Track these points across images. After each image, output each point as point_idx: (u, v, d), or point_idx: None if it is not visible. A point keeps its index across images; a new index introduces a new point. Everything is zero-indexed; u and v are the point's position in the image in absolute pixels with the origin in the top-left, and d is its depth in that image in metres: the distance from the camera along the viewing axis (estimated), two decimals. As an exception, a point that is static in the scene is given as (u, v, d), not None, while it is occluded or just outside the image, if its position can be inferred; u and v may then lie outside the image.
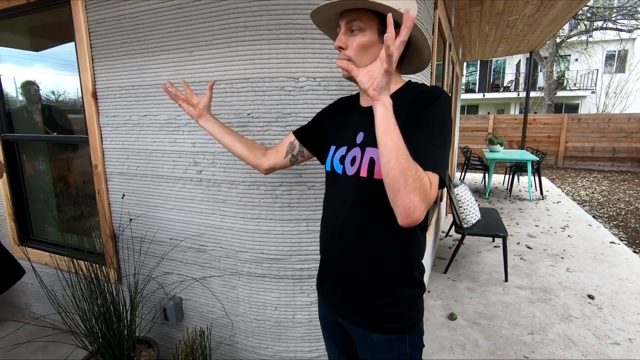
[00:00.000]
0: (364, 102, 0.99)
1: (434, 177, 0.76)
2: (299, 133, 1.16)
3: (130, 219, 1.86)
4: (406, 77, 1.01)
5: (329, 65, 1.43)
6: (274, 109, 1.46)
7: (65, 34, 1.89)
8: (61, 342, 1.65)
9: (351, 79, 0.89)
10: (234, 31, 1.44)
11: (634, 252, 3.86)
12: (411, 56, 0.95)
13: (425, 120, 0.81)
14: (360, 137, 0.92)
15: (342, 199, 0.94)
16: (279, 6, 1.38)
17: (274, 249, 1.59)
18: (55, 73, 2.47)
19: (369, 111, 0.89)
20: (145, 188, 1.81)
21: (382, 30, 0.86)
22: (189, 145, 1.64)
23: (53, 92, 2.55)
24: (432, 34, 2.22)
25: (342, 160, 0.95)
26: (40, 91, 2.49)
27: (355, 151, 0.91)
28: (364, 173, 0.88)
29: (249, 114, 1.49)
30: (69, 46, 1.88)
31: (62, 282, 1.64)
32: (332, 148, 1.00)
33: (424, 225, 0.96)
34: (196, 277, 1.78)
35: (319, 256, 1.59)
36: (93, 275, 1.59)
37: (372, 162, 0.87)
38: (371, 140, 0.88)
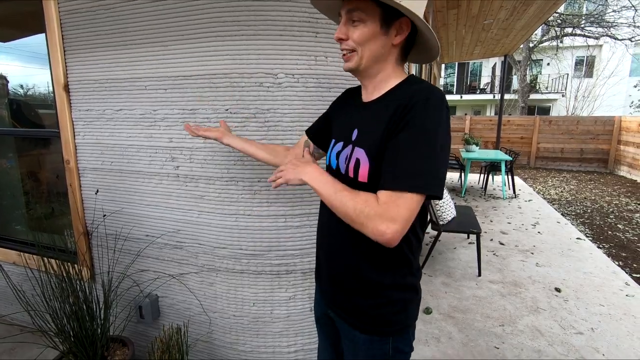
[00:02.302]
0: (364, 96, 0.95)
1: (384, 194, 0.74)
2: (310, 131, 1.18)
3: (104, 215, 1.82)
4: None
5: (308, 63, 1.45)
6: (252, 104, 1.47)
7: (35, 24, 1.83)
8: (30, 342, 1.59)
9: (353, 71, 0.89)
10: (211, 26, 1.43)
11: (598, 247, 4.06)
12: (418, 48, 0.91)
13: (399, 136, 0.77)
14: (354, 134, 0.90)
15: None
16: (258, 2, 1.39)
17: (252, 244, 1.59)
18: (23, 66, 2.37)
19: (366, 107, 0.91)
20: (120, 184, 1.78)
21: (385, 20, 0.81)
22: (165, 141, 1.62)
23: (21, 86, 2.45)
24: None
25: (338, 155, 0.94)
26: (8, 85, 2.39)
27: (349, 149, 0.90)
28: (351, 174, 0.87)
29: (227, 110, 1.49)
30: (39, 37, 1.82)
31: (31, 281, 1.59)
32: (332, 142, 1.00)
33: (421, 229, 0.93)
34: (173, 274, 1.76)
35: (298, 252, 1.62)
36: (65, 274, 1.55)
37: (357, 164, 0.85)
38: (361, 140, 0.87)
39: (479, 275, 3.19)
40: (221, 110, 1.49)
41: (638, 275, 3.42)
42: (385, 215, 0.73)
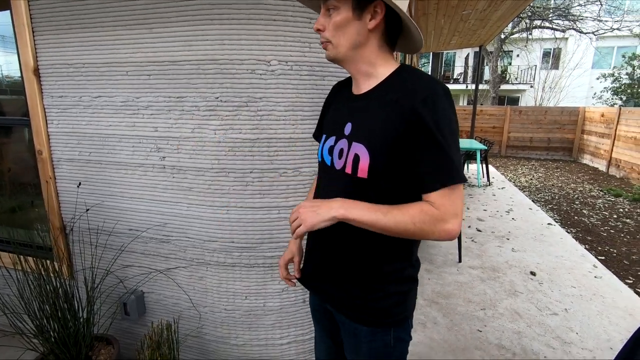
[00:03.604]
0: (355, 89, 0.93)
1: (438, 196, 0.76)
2: (315, 135, 1.14)
3: (87, 209, 1.72)
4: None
5: (301, 50, 1.40)
6: (244, 92, 1.41)
7: (-3, 1, 1.67)
8: (6, 345, 1.50)
9: (333, 60, 0.89)
10: (199, 7, 1.36)
11: (567, 232, 4.29)
12: (404, 38, 0.90)
13: (420, 136, 0.77)
14: (348, 129, 0.88)
15: (329, 191, 0.91)
16: (250, -16, 1.32)
17: (244, 237, 1.55)
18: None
19: (359, 100, 0.90)
20: (100, 176, 1.68)
21: (357, 5, 0.80)
22: (150, 130, 1.54)
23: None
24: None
25: (330, 151, 0.92)
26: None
27: (343, 143, 0.88)
28: (349, 169, 0.85)
29: (217, 98, 1.42)
30: (3, 15, 1.66)
31: (7, 280, 1.48)
32: (324, 137, 0.97)
33: None
34: (159, 269, 1.69)
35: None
36: (43, 272, 1.45)
37: (356, 159, 0.83)
38: (357, 134, 0.85)
39: (460, 261, 3.30)
40: (211, 99, 1.43)
41: (603, 258, 3.65)
42: (447, 215, 0.76)
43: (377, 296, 0.90)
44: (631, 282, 3.15)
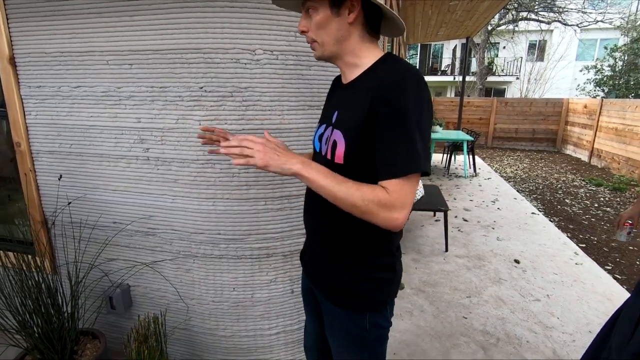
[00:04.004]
0: (343, 79, 0.96)
1: (391, 183, 0.76)
2: None
3: (69, 202, 1.68)
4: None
5: (287, 39, 1.38)
6: (229, 82, 1.39)
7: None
8: (-13, 342, 1.47)
9: (321, 58, 0.92)
10: (182, -5, 1.32)
11: (550, 220, 4.39)
12: (386, 24, 0.91)
13: (384, 121, 0.78)
14: (335, 116, 0.91)
15: None
16: (233, -29, 1.29)
17: (231, 229, 1.55)
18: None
19: (346, 89, 0.93)
20: (82, 168, 1.64)
21: (333, 4, 0.83)
22: (133, 121, 1.50)
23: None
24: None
25: (320, 138, 0.96)
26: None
27: (329, 131, 0.91)
28: (329, 155, 0.89)
29: (201, 88, 1.40)
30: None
31: (-15, 275, 1.44)
32: (318, 126, 1.02)
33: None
34: (145, 262, 1.68)
35: (279, 234, 1.60)
36: (25, 267, 1.42)
37: (334, 145, 0.87)
38: (340, 122, 0.89)
39: (446, 250, 3.35)
40: (195, 89, 1.40)
41: (584, 245, 3.75)
42: (396, 203, 0.75)
43: (353, 280, 0.93)
44: (610, 268, 3.25)
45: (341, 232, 0.92)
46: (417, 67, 19.18)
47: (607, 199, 5.58)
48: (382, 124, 0.78)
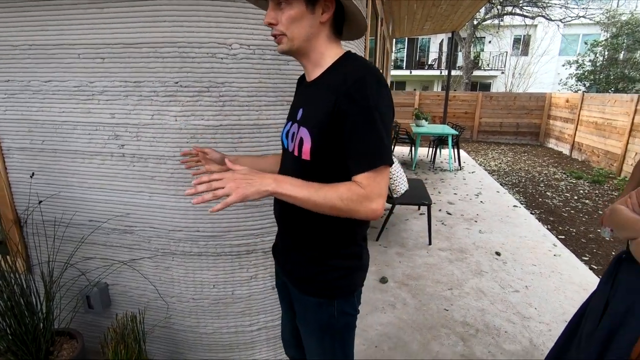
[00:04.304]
0: (307, 77, 0.98)
1: (364, 177, 0.80)
2: None
3: (40, 201, 1.63)
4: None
5: (264, 33, 1.36)
6: (205, 77, 1.36)
7: None
8: (-42, 344, 1.43)
9: (286, 53, 0.92)
10: (155, -13, 1.29)
11: (531, 213, 4.49)
12: (348, 24, 0.94)
13: (352, 119, 0.80)
14: (299, 114, 0.94)
15: (284, 171, 0.99)
16: (207, -37, 1.26)
17: (210, 226, 1.53)
18: None
19: (309, 87, 0.96)
20: (55, 165, 1.59)
21: (309, 1, 0.84)
22: (107, 117, 1.47)
23: None
24: (366, 7, 2.23)
25: (287, 135, 0.98)
26: None
27: (294, 128, 0.94)
28: (296, 152, 0.91)
29: (176, 83, 1.37)
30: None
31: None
32: (285, 123, 1.04)
33: None
34: (123, 260, 1.65)
35: (258, 231, 1.59)
36: (-5, 267, 1.38)
37: (301, 142, 0.89)
38: (305, 119, 0.91)
39: (430, 244, 3.40)
40: (170, 83, 1.37)
41: (563, 237, 3.85)
42: (372, 194, 0.80)
43: (322, 269, 0.97)
44: (587, 259, 3.35)
45: (308, 223, 0.95)
46: (404, 61, 19.16)
47: (586, 191, 5.73)
48: (349, 121, 0.81)
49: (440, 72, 17.20)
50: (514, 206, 4.63)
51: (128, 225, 1.59)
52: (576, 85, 13.74)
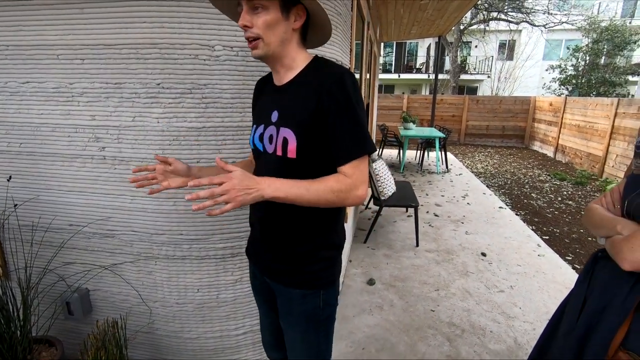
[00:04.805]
0: (276, 80, 1.01)
1: (349, 167, 0.89)
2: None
3: (16, 205, 1.59)
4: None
5: (247, 35, 1.36)
6: (188, 79, 1.35)
7: None
8: None
9: (261, 57, 0.94)
10: (135, -12, 1.27)
11: (516, 214, 4.56)
12: (313, 30, 0.98)
13: (335, 114, 0.88)
14: (275, 116, 0.96)
15: (263, 173, 0.98)
16: (189, -36, 1.25)
17: (193, 229, 1.51)
18: None
19: (282, 90, 0.99)
20: (33, 168, 1.56)
21: (284, 7, 0.88)
22: (87, 119, 1.44)
23: None
24: (352, 11, 2.25)
25: (261, 138, 1.00)
26: None
27: (272, 130, 0.96)
28: (279, 152, 0.94)
29: (158, 84, 1.36)
30: None
31: None
32: (254, 127, 1.05)
33: None
34: (105, 264, 1.62)
35: (243, 233, 1.57)
36: (-32, 273, 1.34)
37: (285, 142, 0.92)
38: (284, 120, 0.94)
39: (417, 245, 3.42)
40: (152, 85, 1.36)
41: (547, 237, 3.92)
42: (357, 182, 0.89)
43: (309, 261, 1.01)
44: (570, 258, 3.41)
45: (291, 216, 0.98)
46: (392, 65, 19.32)
47: (569, 192, 5.85)
48: (333, 117, 0.88)
49: (428, 76, 17.40)
50: (500, 208, 4.70)
51: (109, 229, 1.57)
52: (559, 89, 14.07)
